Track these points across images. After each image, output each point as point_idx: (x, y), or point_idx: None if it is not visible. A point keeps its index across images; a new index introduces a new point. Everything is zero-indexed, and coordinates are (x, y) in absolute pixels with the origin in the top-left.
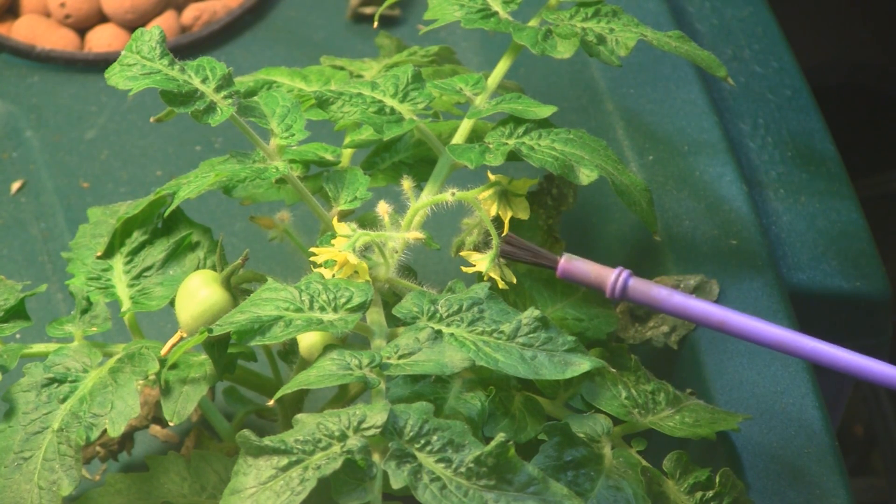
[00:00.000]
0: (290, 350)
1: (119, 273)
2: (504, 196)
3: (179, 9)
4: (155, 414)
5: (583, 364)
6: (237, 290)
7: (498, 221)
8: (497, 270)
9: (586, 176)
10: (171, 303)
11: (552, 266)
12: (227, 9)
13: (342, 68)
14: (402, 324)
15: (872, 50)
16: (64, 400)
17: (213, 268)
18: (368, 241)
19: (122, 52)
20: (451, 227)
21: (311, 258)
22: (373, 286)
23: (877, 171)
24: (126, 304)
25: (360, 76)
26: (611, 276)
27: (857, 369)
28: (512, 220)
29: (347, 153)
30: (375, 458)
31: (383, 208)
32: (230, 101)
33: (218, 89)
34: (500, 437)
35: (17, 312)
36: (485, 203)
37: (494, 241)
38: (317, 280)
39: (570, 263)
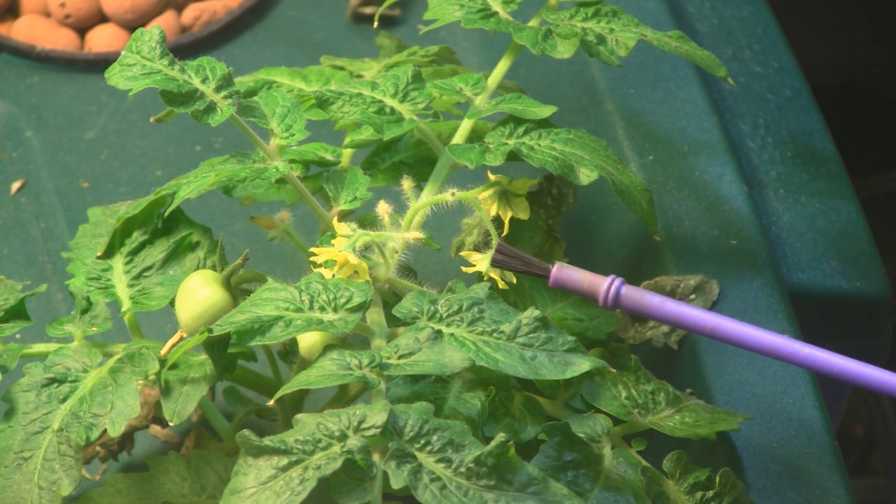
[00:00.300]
0: (290, 350)
1: (119, 273)
2: (504, 196)
3: (179, 9)
4: (155, 414)
5: (583, 364)
6: (237, 290)
7: (498, 221)
8: (497, 270)
9: (586, 176)
10: (171, 303)
11: (544, 275)
12: (227, 9)
13: (342, 68)
14: (402, 324)
15: (872, 50)
16: (64, 400)
17: (213, 268)
18: (368, 241)
19: (122, 52)
20: (451, 227)
21: (311, 258)
22: (373, 286)
23: (877, 171)
24: (126, 304)
25: (360, 76)
26: (603, 285)
27: (851, 375)
28: (512, 220)
29: (347, 153)
30: (375, 458)
31: (383, 208)
32: (230, 101)
33: (218, 89)
34: (500, 437)
35: (17, 312)
36: (485, 203)
37: (494, 241)
38: (317, 280)
39: (562, 272)
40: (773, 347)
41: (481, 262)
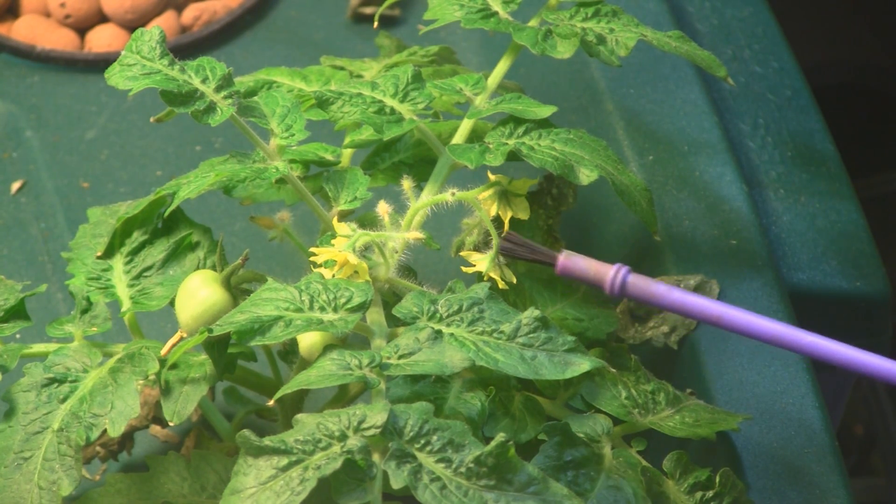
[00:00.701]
0: (290, 350)
1: (119, 273)
2: (504, 196)
3: (179, 9)
4: (155, 414)
5: (583, 364)
6: (237, 290)
7: (498, 221)
8: (497, 270)
9: (586, 176)
10: (171, 303)
11: (551, 263)
12: (227, 9)
13: (342, 68)
14: (402, 324)
15: (872, 50)
16: (64, 400)
17: (213, 268)
18: (368, 241)
19: (122, 52)
20: (451, 227)
21: (311, 258)
22: (373, 286)
23: (877, 171)
24: (126, 304)
25: (360, 76)
26: (609, 273)
27: (853, 363)
28: (512, 220)
29: (347, 153)
30: (375, 458)
31: (383, 208)
32: (230, 101)
33: (218, 89)
34: (500, 437)
35: (17, 312)
36: (485, 203)
37: (494, 241)
38: (317, 280)
39: (570, 260)
40: (777, 335)
41: (481, 262)
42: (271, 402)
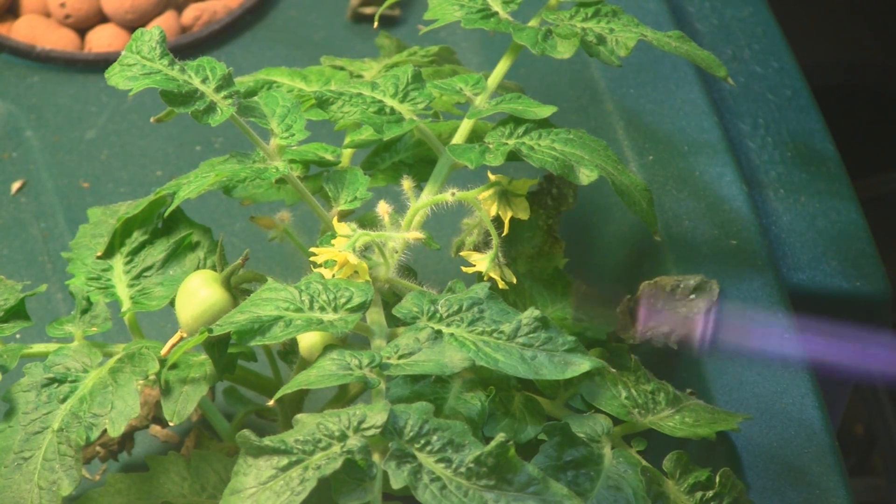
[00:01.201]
0: (290, 350)
1: (119, 273)
2: (504, 196)
3: (179, 9)
4: (155, 414)
5: (583, 364)
6: (237, 290)
7: (498, 221)
8: (497, 270)
9: (586, 176)
10: (171, 303)
11: None
12: (227, 9)
13: (342, 68)
14: (402, 324)
15: (872, 50)
16: (64, 400)
17: (213, 268)
18: (368, 241)
19: (122, 52)
20: (451, 227)
21: (311, 258)
22: (373, 286)
23: (877, 171)
24: (126, 304)
25: (360, 76)
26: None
27: None
28: (512, 220)
29: (347, 153)
30: (375, 458)
31: (383, 208)
32: (230, 101)
33: (218, 89)
34: (500, 437)
35: (17, 312)
36: (485, 203)
37: (494, 241)
38: (317, 280)
39: None
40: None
41: (481, 262)
42: (271, 402)
